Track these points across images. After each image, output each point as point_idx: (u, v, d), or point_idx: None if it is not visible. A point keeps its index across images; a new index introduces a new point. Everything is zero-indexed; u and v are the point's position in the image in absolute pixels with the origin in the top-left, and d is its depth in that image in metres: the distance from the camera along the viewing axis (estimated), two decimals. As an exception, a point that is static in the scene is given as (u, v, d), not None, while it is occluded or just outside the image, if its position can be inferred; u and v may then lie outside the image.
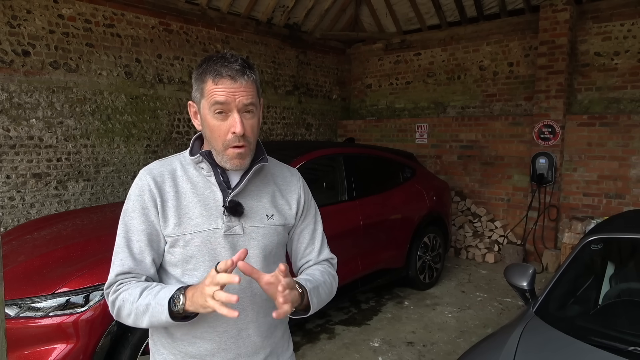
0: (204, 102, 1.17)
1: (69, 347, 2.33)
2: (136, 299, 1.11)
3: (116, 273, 1.16)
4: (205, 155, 1.21)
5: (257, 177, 1.28)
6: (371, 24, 7.93)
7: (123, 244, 1.18)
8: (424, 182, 5.01)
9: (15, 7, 4.49)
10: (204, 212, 1.19)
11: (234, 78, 1.13)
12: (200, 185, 1.22)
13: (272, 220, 1.26)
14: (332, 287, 1.32)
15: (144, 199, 1.18)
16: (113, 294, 1.16)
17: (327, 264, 1.38)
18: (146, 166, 1.25)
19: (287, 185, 1.34)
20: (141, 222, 1.18)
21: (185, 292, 1.07)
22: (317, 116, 8.01)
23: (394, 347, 3.64)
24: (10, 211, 4.55)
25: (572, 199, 5.88)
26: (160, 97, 5.71)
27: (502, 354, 1.87)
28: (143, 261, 1.18)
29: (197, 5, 5.93)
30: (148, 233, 1.18)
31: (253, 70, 1.18)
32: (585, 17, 5.89)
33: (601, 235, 2.57)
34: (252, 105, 1.16)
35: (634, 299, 2.36)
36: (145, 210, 1.18)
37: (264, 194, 1.27)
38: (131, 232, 1.18)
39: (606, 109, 5.82)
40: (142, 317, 1.11)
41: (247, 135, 1.17)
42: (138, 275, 1.17)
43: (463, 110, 7.19)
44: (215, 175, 1.22)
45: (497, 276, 5.38)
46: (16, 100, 4.52)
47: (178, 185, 1.21)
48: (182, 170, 1.23)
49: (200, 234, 1.18)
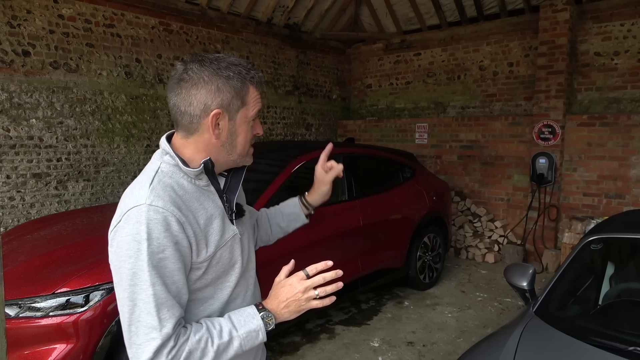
0: (245, 110, 1.14)
1: (69, 347, 2.33)
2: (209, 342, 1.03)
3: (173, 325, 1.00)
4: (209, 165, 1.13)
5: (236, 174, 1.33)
6: (371, 24, 7.93)
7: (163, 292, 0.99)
8: (424, 182, 5.01)
9: (15, 7, 4.49)
10: (220, 223, 1.14)
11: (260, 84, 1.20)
12: (202, 199, 1.12)
13: (248, 214, 1.34)
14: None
15: (173, 232, 1.02)
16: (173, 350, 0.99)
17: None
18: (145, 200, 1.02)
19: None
20: (177, 260, 1.03)
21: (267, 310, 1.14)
22: (317, 116, 8.01)
23: (394, 347, 3.64)
24: (10, 211, 4.55)
25: (572, 199, 5.87)
26: (160, 97, 5.71)
27: (502, 354, 1.87)
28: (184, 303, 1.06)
29: (197, 5, 5.93)
30: (184, 271, 1.05)
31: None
32: (585, 17, 5.89)
33: (601, 235, 2.57)
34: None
35: (634, 299, 2.36)
36: (177, 246, 1.02)
37: (241, 193, 1.34)
38: (167, 277, 1.01)
39: (606, 109, 5.82)
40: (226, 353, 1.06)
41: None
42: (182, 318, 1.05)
43: (463, 110, 7.19)
44: (213, 184, 1.16)
45: (497, 276, 5.38)
46: (16, 100, 4.52)
47: (189, 207, 1.08)
48: (181, 191, 1.08)
49: (226, 246, 1.16)
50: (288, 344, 3.66)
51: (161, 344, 0.97)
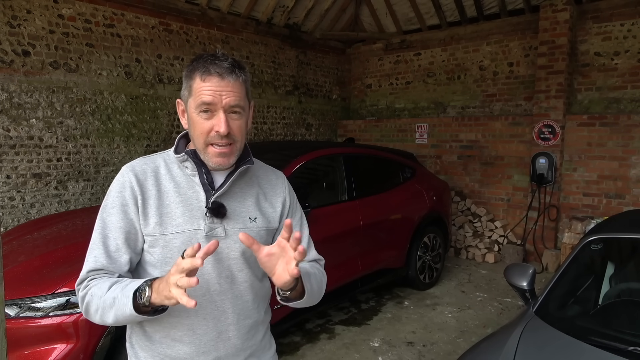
0: (191, 100, 1.16)
1: (69, 347, 2.33)
2: (104, 292, 1.08)
3: (88, 269, 1.13)
4: (190, 154, 1.20)
5: (242, 179, 1.26)
6: (371, 24, 7.93)
7: (99, 240, 1.15)
8: (424, 182, 5.01)
9: (15, 7, 4.49)
10: (186, 213, 1.17)
11: (222, 76, 1.11)
12: (183, 185, 1.20)
13: (254, 224, 1.23)
14: (322, 281, 1.29)
15: (125, 195, 1.16)
16: (83, 289, 1.12)
17: (314, 263, 1.35)
18: (128, 163, 1.22)
19: (272, 188, 1.32)
20: (120, 219, 1.15)
21: (152, 284, 1.03)
22: (317, 116, 8.01)
23: (394, 347, 3.64)
24: (10, 211, 4.55)
25: (572, 199, 5.88)
26: (160, 97, 5.71)
27: (502, 354, 1.87)
28: (118, 259, 1.15)
29: (197, 5, 5.93)
30: (126, 231, 1.15)
31: (243, 70, 1.17)
32: (585, 17, 5.89)
33: (601, 235, 2.57)
34: (238, 107, 1.15)
35: (634, 299, 2.36)
36: (124, 207, 1.15)
37: (247, 196, 1.25)
38: (108, 229, 1.15)
39: (606, 109, 5.82)
40: (108, 312, 1.07)
41: (232, 135, 1.15)
42: (111, 273, 1.14)
43: (463, 110, 7.19)
44: (199, 175, 1.20)
45: (497, 276, 5.38)
46: (16, 100, 4.52)
47: (161, 184, 1.19)
48: (165, 169, 1.21)
49: (182, 234, 1.16)
50: (288, 344, 3.66)
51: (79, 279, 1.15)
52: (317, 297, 1.24)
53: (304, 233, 1.34)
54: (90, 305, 1.11)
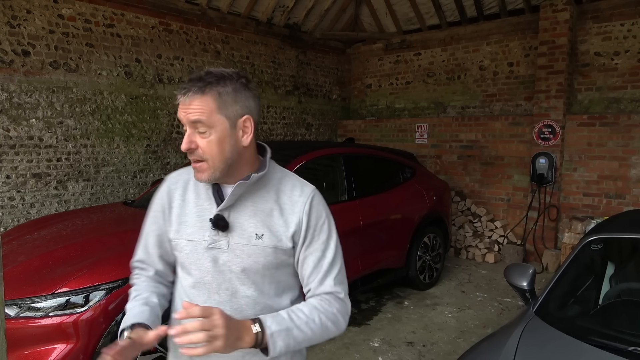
0: None
1: (69, 347, 2.33)
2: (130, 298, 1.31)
3: (135, 259, 1.39)
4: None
5: (256, 192, 1.23)
6: (371, 24, 7.93)
7: (142, 237, 1.37)
8: (424, 182, 5.01)
9: (15, 7, 4.49)
10: (197, 223, 1.24)
11: (185, 94, 1.15)
12: (203, 197, 1.26)
13: (260, 240, 1.20)
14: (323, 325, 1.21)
15: (159, 203, 1.32)
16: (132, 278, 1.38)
17: (328, 297, 1.26)
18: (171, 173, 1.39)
19: (291, 206, 1.24)
20: (152, 223, 1.34)
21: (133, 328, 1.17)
22: (317, 116, 8.01)
23: (394, 347, 3.64)
24: (10, 211, 4.55)
25: (572, 199, 5.87)
26: (160, 97, 5.71)
27: (502, 354, 1.87)
28: (152, 256, 1.34)
29: (197, 5, 5.93)
30: (157, 234, 1.33)
31: (219, 85, 1.14)
32: (585, 17, 5.89)
33: (601, 235, 2.57)
34: (200, 123, 1.13)
35: (634, 299, 2.36)
36: (156, 213, 1.32)
37: (259, 212, 1.22)
38: (147, 229, 1.35)
39: (606, 109, 5.82)
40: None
41: (198, 152, 1.15)
42: (147, 267, 1.36)
43: (463, 110, 7.19)
44: (212, 189, 1.25)
45: (497, 276, 5.38)
46: (16, 100, 4.52)
47: (186, 194, 1.29)
48: (194, 181, 1.28)
49: (190, 243, 1.23)
50: (288, 344, 3.65)
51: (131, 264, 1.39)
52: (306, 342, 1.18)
53: (325, 258, 1.26)
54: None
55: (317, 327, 1.19)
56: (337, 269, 1.29)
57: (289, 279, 1.29)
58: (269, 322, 1.10)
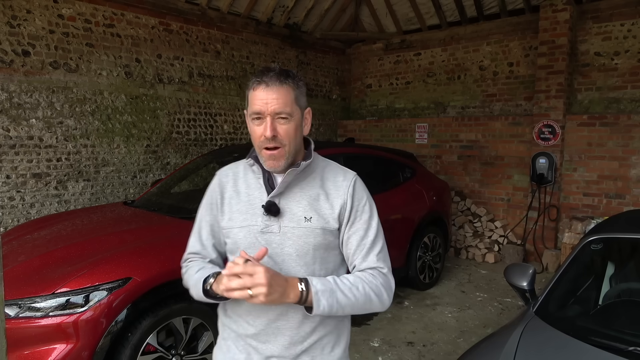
0: (247, 109, 1.32)
1: (69, 347, 2.33)
2: (193, 274, 1.34)
3: (188, 252, 1.44)
4: (255, 159, 1.36)
5: (304, 180, 1.35)
6: (371, 24, 7.93)
7: (196, 230, 1.44)
8: (424, 182, 5.00)
9: (15, 7, 4.49)
10: (249, 210, 1.34)
11: (268, 84, 1.25)
12: (253, 186, 1.37)
13: (309, 223, 1.30)
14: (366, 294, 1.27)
15: (212, 196, 1.42)
16: (184, 268, 1.42)
17: (372, 271, 1.33)
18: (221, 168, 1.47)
19: (337, 189, 1.37)
20: (206, 214, 1.43)
21: (217, 276, 1.25)
22: (317, 116, 8.00)
23: (394, 347, 3.64)
24: (10, 211, 4.55)
25: (572, 199, 5.87)
26: (160, 97, 5.71)
27: (502, 354, 1.87)
28: (207, 247, 1.42)
29: (197, 5, 5.93)
30: (211, 224, 1.41)
31: (291, 78, 1.30)
32: (585, 17, 5.89)
33: (601, 235, 2.57)
34: (284, 113, 1.25)
35: (634, 299, 2.36)
36: (211, 206, 1.42)
37: (306, 197, 1.33)
38: (201, 221, 1.43)
39: (606, 109, 5.82)
40: (192, 290, 1.32)
41: (279, 138, 1.26)
42: (203, 257, 1.41)
43: (463, 110, 7.19)
44: (263, 177, 1.35)
45: (497, 276, 5.38)
46: (16, 100, 4.52)
47: (237, 185, 1.40)
48: (243, 173, 1.42)
49: (244, 228, 1.33)
50: (288, 344, 3.66)
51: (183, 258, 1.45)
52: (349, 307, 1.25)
53: (367, 236, 1.36)
54: (186, 281, 1.37)
55: (361, 295, 1.27)
56: (379, 246, 1.39)
57: (337, 261, 1.39)
58: (315, 281, 1.22)
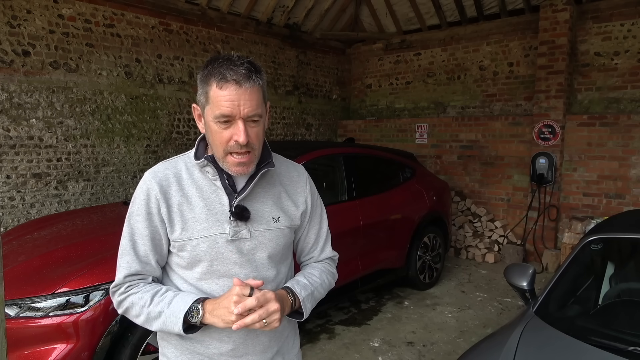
0: (208, 108, 1.12)
1: (69, 347, 2.33)
2: (147, 304, 1.15)
3: (124, 275, 1.18)
4: (210, 160, 1.19)
5: (264, 179, 1.25)
6: (371, 24, 7.93)
7: (129, 246, 1.19)
8: (424, 182, 5.01)
9: (15, 7, 4.49)
10: (210, 217, 1.18)
11: (239, 83, 1.08)
12: (206, 189, 1.20)
13: (278, 223, 1.25)
14: (330, 284, 1.39)
15: (149, 204, 1.18)
16: (120, 295, 1.18)
17: (328, 261, 1.42)
18: (151, 168, 1.23)
19: (294, 185, 1.32)
20: (145, 227, 1.18)
21: (204, 305, 1.11)
22: (317, 116, 8.01)
23: (394, 347, 3.64)
24: (10, 211, 4.55)
25: (572, 199, 5.87)
26: (160, 97, 5.71)
27: (502, 354, 1.87)
28: (149, 263, 1.20)
29: (197, 5, 5.93)
30: (152, 238, 1.19)
31: (259, 74, 1.13)
32: (585, 17, 5.89)
33: (601, 235, 2.57)
34: (256, 116, 1.12)
35: (634, 299, 2.36)
36: (149, 216, 1.18)
37: (269, 197, 1.26)
38: (136, 235, 1.19)
39: (606, 109, 5.82)
40: (153, 322, 1.15)
41: (251, 143, 1.13)
42: (145, 277, 1.20)
43: (463, 110, 7.19)
44: (221, 180, 1.20)
45: (497, 276, 5.38)
46: (16, 100, 4.52)
47: (184, 189, 1.20)
48: (187, 173, 1.22)
49: (207, 238, 1.17)
50: (288, 344, 3.66)
51: (114, 285, 1.19)
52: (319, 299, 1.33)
53: (322, 228, 1.41)
54: (130, 311, 1.18)
55: (326, 286, 1.35)
56: (329, 235, 1.43)
57: (289, 252, 1.37)
58: (298, 289, 1.22)
